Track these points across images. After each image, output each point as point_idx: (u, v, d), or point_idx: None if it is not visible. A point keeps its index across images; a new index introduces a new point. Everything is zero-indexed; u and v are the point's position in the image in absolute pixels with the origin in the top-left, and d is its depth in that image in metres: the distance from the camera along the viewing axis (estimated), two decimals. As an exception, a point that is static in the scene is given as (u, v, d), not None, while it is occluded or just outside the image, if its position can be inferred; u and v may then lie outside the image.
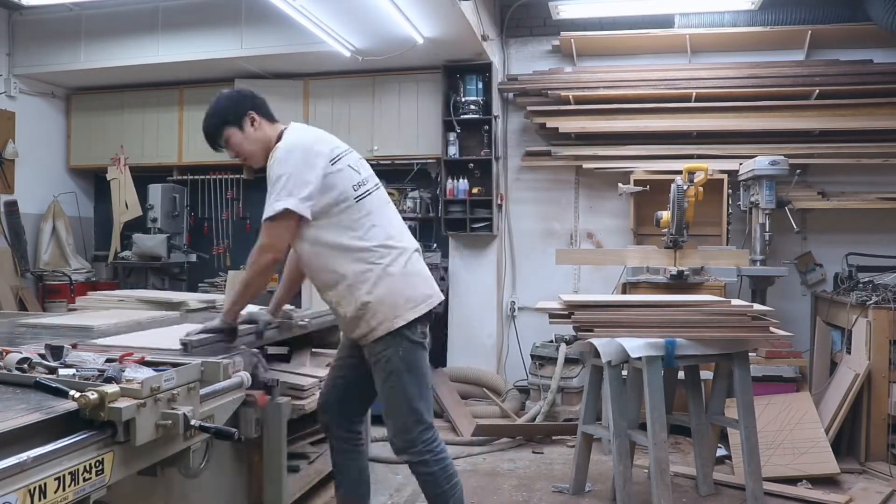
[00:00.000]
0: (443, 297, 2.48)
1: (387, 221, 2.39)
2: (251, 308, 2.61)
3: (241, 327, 2.43)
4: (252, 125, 2.42)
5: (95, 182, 6.36)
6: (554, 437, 4.32)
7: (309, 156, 2.27)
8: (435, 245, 5.43)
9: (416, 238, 5.54)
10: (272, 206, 2.21)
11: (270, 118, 2.50)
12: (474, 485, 3.55)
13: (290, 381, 2.69)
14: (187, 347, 2.13)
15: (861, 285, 4.14)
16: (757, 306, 3.21)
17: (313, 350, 3.19)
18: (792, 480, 3.47)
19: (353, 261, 2.28)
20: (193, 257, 5.91)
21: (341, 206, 2.28)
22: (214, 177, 5.91)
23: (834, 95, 4.69)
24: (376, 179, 2.46)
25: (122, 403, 1.41)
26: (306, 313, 2.96)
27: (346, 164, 2.34)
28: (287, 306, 2.83)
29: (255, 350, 2.34)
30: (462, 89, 5.11)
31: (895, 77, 4.63)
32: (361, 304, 2.28)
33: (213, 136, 2.44)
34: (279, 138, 2.39)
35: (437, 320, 5.10)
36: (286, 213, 2.20)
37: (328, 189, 2.26)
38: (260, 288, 2.36)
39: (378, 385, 2.36)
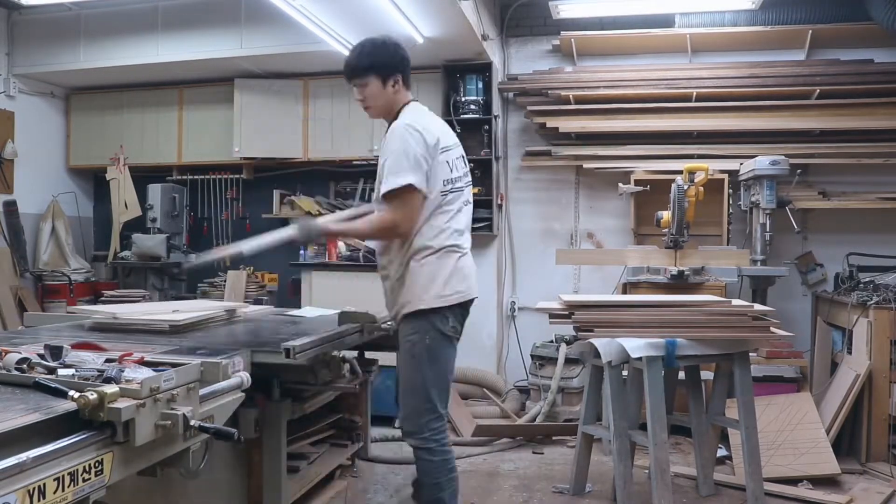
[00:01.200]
0: (477, 295, 2.58)
1: (458, 219, 2.54)
2: None
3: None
4: (394, 86, 2.53)
5: (95, 182, 6.35)
6: (554, 438, 4.31)
7: (428, 139, 2.41)
8: (435, 245, 5.42)
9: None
10: (396, 180, 2.35)
11: (408, 86, 2.60)
12: (474, 485, 3.54)
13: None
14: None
15: (862, 285, 4.13)
16: (758, 306, 3.21)
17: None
18: (792, 481, 3.47)
19: (419, 236, 2.44)
20: (193, 257, 5.90)
21: (431, 193, 2.43)
22: (214, 177, 5.91)
23: (834, 95, 4.68)
24: (468, 179, 2.64)
25: (122, 404, 1.41)
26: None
27: (445, 158, 2.48)
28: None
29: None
30: (462, 89, 5.10)
31: (895, 77, 4.63)
32: (402, 273, 2.45)
33: (356, 72, 2.52)
34: (400, 111, 2.53)
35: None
36: (409, 189, 2.35)
37: (429, 176, 2.42)
38: (365, 237, 2.72)
39: (399, 366, 2.49)
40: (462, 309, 2.52)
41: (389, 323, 2.79)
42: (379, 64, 2.50)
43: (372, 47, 2.53)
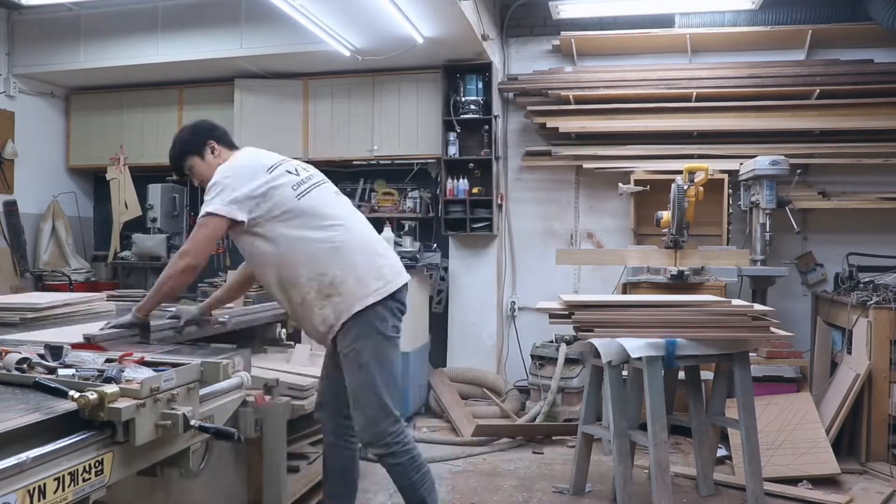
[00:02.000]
0: (408, 278, 2.49)
1: (337, 208, 2.46)
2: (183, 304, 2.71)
3: (158, 322, 2.43)
4: (212, 153, 2.55)
5: (95, 182, 6.36)
6: (554, 438, 4.31)
7: (245, 169, 2.40)
8: (435, 245, 5.43)
9: (415, 238, 5.56)
10: (200, 213, 2.37)
11: (230, 146, 2.62)
12: (474, 485, 3.55)
13: (288, 381, 2.68)
14: (90, 341, 2.10)
15: (862, 285, 4.13)
16: (757, 306, 3.21)
17: (312, 349, 3.19)
18: (792, 481, 3.47)
19: (310, 250, 2.35)
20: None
21: (284, 207, 2.36)
22: (214, 177, 5.89)
23: (834, 95, 4.69)
24: (321, 177, 2.56)
25: (122, 404, 1.40)
26: (227, 311, 2.95)
27: (283, 170, 2.44)
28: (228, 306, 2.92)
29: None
30: (462, 89, 5.10)
31: (895, 77, 4.63)
32: (324, 287, 2.33)
33: (177, 164, 2.60)
34: None
35: (437, 319, 5.11)
36: (209, 217, 2.34)
37: (269, 196, 2.35)
38: (173, 290, 2.38)
39: (347, 378, 2.39)
40: (394, 299, 2.40)
41: (225, 317, 2.84)
42: (185, 145, 2.56)
43: (175, 139, 2.61)
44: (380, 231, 4.95)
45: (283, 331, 3.37)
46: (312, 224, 2.36)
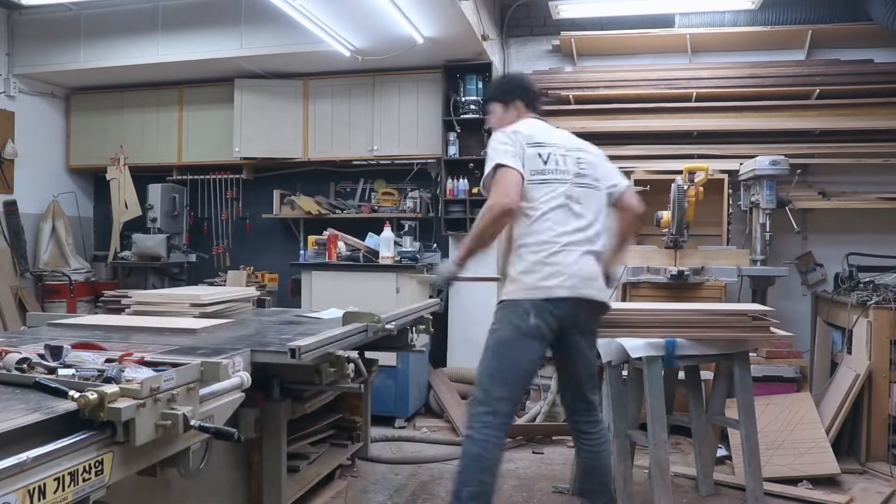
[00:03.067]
0: (574, 294, 2.49)
1: (552, 214, 2.52)
2: None
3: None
4: (515, 110, 2.78)
5: (95, 182, 6.36)
6: (554, 438, 4.31)
7: (514, 135, 2.57)
8: (435, 245, 5.43)
9: (415, 238, 5.55)
10: (486, 169, 2.51)
11: (534, 110, 2.82)
12: (474, 485, 3.54)
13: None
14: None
15: (861, 285, 4.13)
16: (756, 306, 3.21)
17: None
18: (792, 481, 3.47)
19: (520, 233, 2.53)
20: (193, 257, 5.91)
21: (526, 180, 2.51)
22: (214, 177, 5.91)
23: (834, 95, 4.69)
24: (574, 178, 2.58)
25: (122, 403, 1.41)
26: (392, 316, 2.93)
27: (536, 152, 2.55)
28: None
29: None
30: (462, 89, 5.10)
31: (895, 77, 4.63)
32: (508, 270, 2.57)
33: (485, 104, 3.09)
34: None
35: (437, 320, 5.10)
36: (498, 168, 2.48)
37: (524, 161, 2.52)
38: (490, 238, 2.54)
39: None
40: (546, 304, 2.45)
41: (392, 324, 2.78)
42: (496, 91, 2.91)
43: (497, 82, 3.02)
44: (379, 232, 4.97)
45: (415, 336, 3.35)
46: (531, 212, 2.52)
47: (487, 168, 2.52)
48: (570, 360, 2.62)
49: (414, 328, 3.31)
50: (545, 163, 2.55)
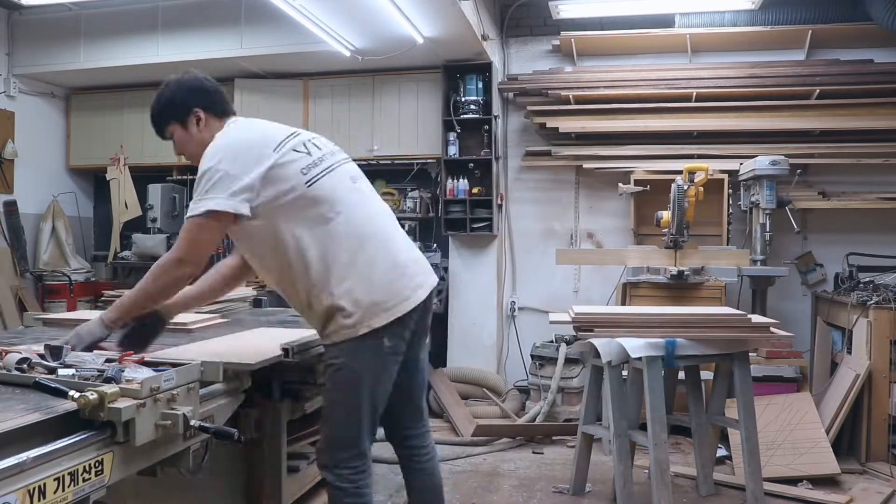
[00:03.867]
0: (429, 289, 2.11)
1: (351, 205, 2.03)
2: None
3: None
4: (197, 124, 2.15)
5: (95, 182, 6.36)
6: (554, 438, 4.31)
7: (241, 148, 1.97)
8: (435, 245, 5.43)
9: (415, 238, 5.54)
10: (193, 208, 1.92)
11: (221, 113, 2.19)
12: (474, 485, 3.55)
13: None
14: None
15: (861, 285, 4.13)
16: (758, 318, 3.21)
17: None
18: (792, 481, 3.47)
19: (312, 257, 1.94)
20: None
21: (291, 196, 1.93)
22: (214, 177, 5.89)
23: (834, 95, 4.68)
24: (340, 156, 2.13)
25: (122, 404, 1.41)
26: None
27: (290, 147, 1.99)
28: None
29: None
30: (462, 89, 5.10)
31: (895, 77, 4.63)
32: (324, 308, 1.96)
33: (159, 128, 2.23)
34: None
35: (437, 320, 5.08)
36: (209, 216, 1.90)
37: (273, 181, 1.93)
38: (163, 297, 2.01)
39: (325, 391, 2.10)
40: (402, 316, 2.00)
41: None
42: (167, 109, 2.20)
43: (157, 98, 2.23)
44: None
45: None
46: (316, 227, 1.97)
47: (190, 211, 1.95)
48: (410, 370, 2.20)
49: None
50: (308, 153, 2.02)
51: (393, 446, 2.34)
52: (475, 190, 5.10)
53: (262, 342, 2.08)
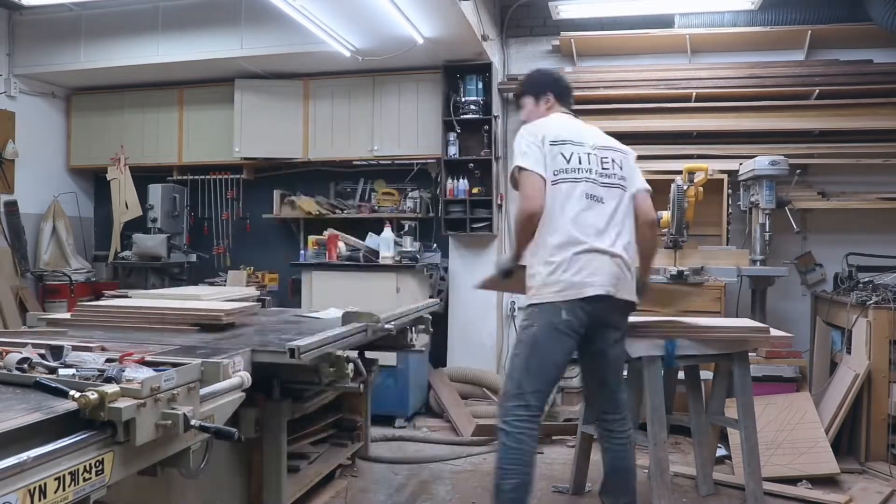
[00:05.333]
0: (603, 291, 2.52)
1: (573, 213, 2.54)
2: None
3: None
4: (545, 104, 2.88)
5: (95, 182, 6.37)
6: (554, 437, 4.31)
7: (537, 134, 2.61)
8: (435, 245, 5.44)
9: (415, 238, 5.54)
10: (511, 165, 2.60)
11: (565, 103, 2.94)
12: (474, 485, 3.55)
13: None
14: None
15: (861, 285, 4.14)
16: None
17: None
18: (792, 480, 3.47)
19: (541, 231, 2.53)
20: (193, 257, 5.92)
21: (549, 181, 2.55)
22: (214, 177, 5.91)
23: (834, 95, 4.69)
24: (597, 177, 2.62)
25: (122, 403, 1.41)
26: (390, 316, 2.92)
27: (559, 151, 2.58)
28: None
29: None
30: (462, 89, 5.11)
31: (895, 77, 4.63)
32: (531, 269, 2.57)
33: (517, 96, 3.03)
34: None
35: (437, 320, 5.10)
36: (521, 171, 2.55)
37: (547, 161, 2.56)
38: (524, 240, 2.58)
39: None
40: (577, 302, 2.49)
41: (391, 324, 2.78)
42: (528, 85, 2.97)
43: (527, 76, 3.05)
44: (379, 232, 4.98)
45: (414, 336, 3.42)
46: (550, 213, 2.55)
47: (512, 164, 2.63)
48: (598, 358, 2.69)
49: (413, 328, 3.31)
50: (567, 161, 2.58)
51: (594, 424, 2.91)
52: (475, 190, 5.11)
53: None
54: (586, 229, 2.53)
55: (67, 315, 2.88)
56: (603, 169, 2.65)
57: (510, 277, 2.71)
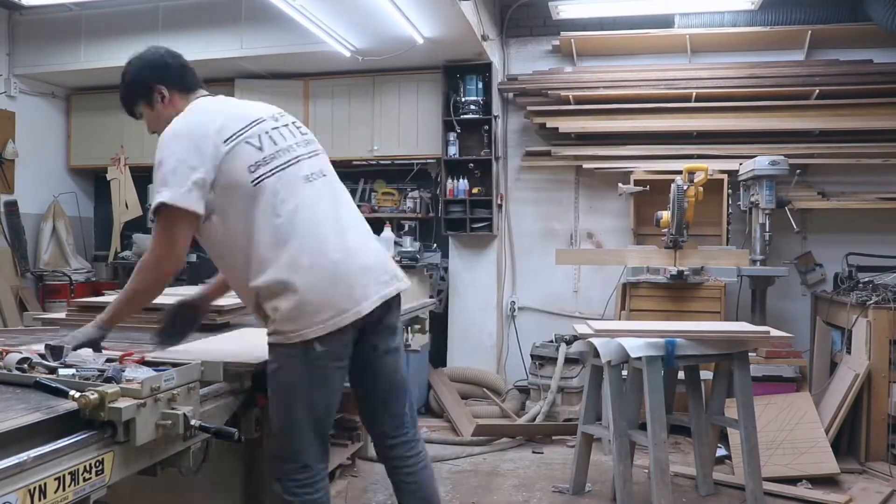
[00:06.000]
0: (370, 305, 1.94)
1: (307, 208, 1.89)
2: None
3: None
4: (162, 101, 2.07)
5: (95, 182, 6.37)
6: (554, 437, 4.32)
7: (195, 137, 1.86)
8: (435, 245, 5.44)
9: (415, 238, 5.53)
10: (154, 199, 1.81)
11: (186, 88, 2.12)
12: (475, 485, 3.55)
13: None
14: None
15: (861, 285, 4.14)
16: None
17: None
18: (792, 480, 3.47)
19: (252, 264, 1.84)
20: (193, 257, 5.90)
21: (237, 194, 1.84)
22: (214, 177, 5.91)
23: (834, 95, 4.69)
24: (306, 149, 2.04)
25: (122, 403, 1.41)
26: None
27: (243, 140, 1.89)
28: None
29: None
30: (462, 89, 5.11)
31: (895, 77, 4.63)
32: (268, 311, 1.85)
33: (128, 109, 2.13)
34: None
35: (437, 320, 5.08)
36: (165, 209, 1.78)
37: (223, 175, 1.83)
38: (148, 301, 1.94)
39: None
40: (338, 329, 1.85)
41: None
42: (131, 87, 2.10)
43: (122, 76, 2.12)
44: (379, 232, 4.97)
45: (410, 336, 3.33)
46: (256, 229, 1.84)
47: (154, 200, 1.82)
48: (367, 374, 2.10)
49: (409, 328, 3.31)
50: (260, 148, 1.91)
51: (380, 460, 2.21)
52: (475, 190, 5.11)
53: (259, 341, 2.07)
54: (325, 223, 1.92)
55: (63, 315, 2.89)
56: (305, 137, 2.11)
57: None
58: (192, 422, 1.55)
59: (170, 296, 2.34)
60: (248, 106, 2.09)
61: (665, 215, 4.29)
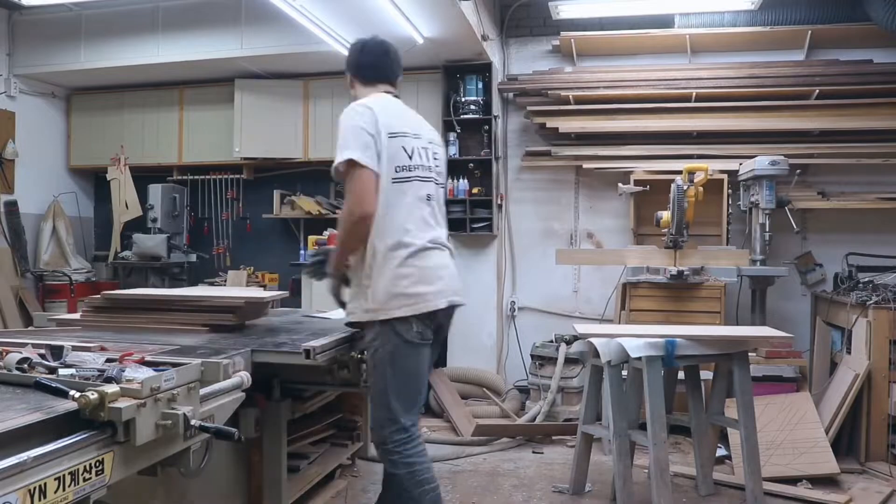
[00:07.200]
0: (450, 299, 2.37)
1: (406, 213, 2.31)
2: None
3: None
4: (352, 87, 2.64)
5: (95, 182, 6.36)
6: (554, 437, 4.32)
7: (369, 117, 2.30)
8: (435, 245, 5.43)
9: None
10: (338, 156, 2.22)
11: (369, 82, 2.65)
12: (474, 485, 3.55)
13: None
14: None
15: (861, 285, 4.14)
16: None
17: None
18: (792, 480, 3.47)
19: (381, 239, 2.26)
20: (193, 257, 5.92)
21: (391, 178, 2.27)
22: (214, 177, 5.92)
23: (834, 95, 4.69)
24: (434, 175, 2.46)
25: (123, 403, 1.41)
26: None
27: (401, 144, 2.31)
28: None
29: None
30: (462, 89, 5.11)
31: (895, 77, 4.63)
32: (361, 284, 2.29)
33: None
34: None
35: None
36: (351, 164, 2.21)
37: (386, 155, 2.27)
38: (355, 247, 2.30)
39: (368, 373, 2.38)
40: (428, 312, 2.29)
41: None
42: (348, 66, 2.67)
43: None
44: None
45: None
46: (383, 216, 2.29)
47: (338, 157, 2.24)
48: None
49: None
50: (410, 157, 2.35)
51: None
52: (475, 190, 5.11)
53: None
54: (428, 237, 2.43)
55: (76, 315, 2.89)
56: (435, 165, 2.50)
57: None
58: (192, 422, 1.55)
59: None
60: (410, 115, 2.63)
61: (665, 215, 4.29)
